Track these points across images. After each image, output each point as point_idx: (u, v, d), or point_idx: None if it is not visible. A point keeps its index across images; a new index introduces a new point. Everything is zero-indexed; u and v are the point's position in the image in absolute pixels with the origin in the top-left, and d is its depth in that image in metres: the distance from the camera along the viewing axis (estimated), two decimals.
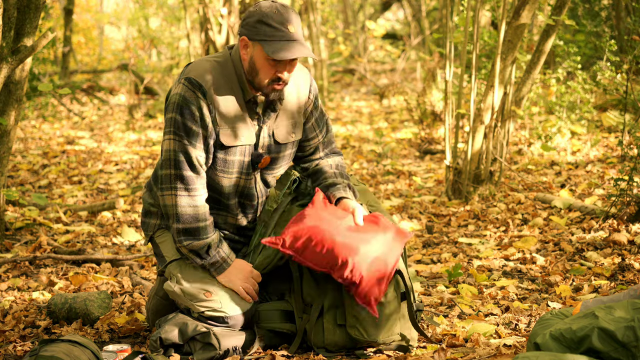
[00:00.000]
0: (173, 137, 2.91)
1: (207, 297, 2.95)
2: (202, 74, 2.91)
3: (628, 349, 2.44)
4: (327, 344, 2.93)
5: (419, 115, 8.04)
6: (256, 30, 2.85)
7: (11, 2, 4.00)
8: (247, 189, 3.07)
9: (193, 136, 2.90)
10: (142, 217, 3.19)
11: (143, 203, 3.19)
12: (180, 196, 2.92)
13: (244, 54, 2.92)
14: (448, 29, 5.51)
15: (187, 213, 2.93)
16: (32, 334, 3.29)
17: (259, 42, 2.86)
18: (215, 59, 2.98)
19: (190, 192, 2.93)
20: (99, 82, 13.51)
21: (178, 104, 2.90)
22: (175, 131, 2.90)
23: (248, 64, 2.92)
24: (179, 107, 2.89)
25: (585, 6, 8.98)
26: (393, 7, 19.51)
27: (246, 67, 2.93)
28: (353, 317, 2.90)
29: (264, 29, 2.84)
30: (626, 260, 4.03)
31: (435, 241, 4.72)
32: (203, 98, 2.89)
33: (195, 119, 2.89)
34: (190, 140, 2.90)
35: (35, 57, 8.05)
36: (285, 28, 2.84)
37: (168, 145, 2.92)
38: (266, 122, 3.02)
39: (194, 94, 2.88)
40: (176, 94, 2.91)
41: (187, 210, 2.93)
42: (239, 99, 2.95)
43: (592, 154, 6.71)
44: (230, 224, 3.12)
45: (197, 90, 2.88)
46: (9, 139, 4.32)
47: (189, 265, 3.01)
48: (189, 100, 2.88)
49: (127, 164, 7.50)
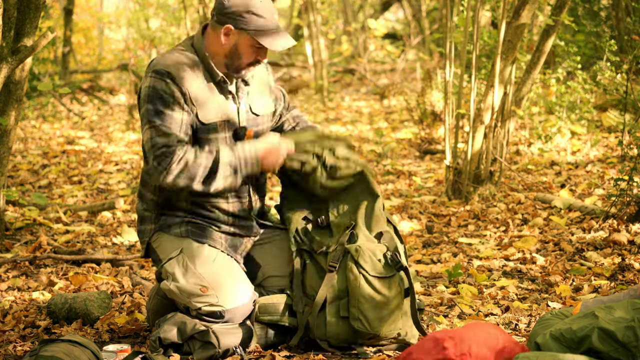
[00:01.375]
0: (149, 126, 2.96)
1: (204, 292, 2.96)
2: (167, 63, 2.99)
3: (628, 349, 2.44)
4: (330, 337, 2.94)
5: (419, 115, 8.04)
6: (245, 21, 2.97)
7: (11, 2, 4.00)
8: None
9: (167, 120, 2.94)
10: (137, 227, 3.21)
11: (137, 212, 3.20)
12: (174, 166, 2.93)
13: (225, 40, 3.02)
14: (448, 29, 5.51)
15: (190, 168, 2.94)
16: (32, 334, 3.29)
17: (247, 32, 2.97)
18: (177, 48, 3.08)
19: (179, 154, 2.94)
20: (99, 82, 13.51)
21: (149, 95, 2.97)
22: (150, 120, 2.96)
23: (229, 50, 3.02)
24: (150, 98, 2.96)
25: (585, 6, 8.98)
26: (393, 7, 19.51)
27: (226, 52, 3.03)
28: (356, 309, 2.91)
29: (254, 19, 2.97)
30: (626, 260, 4.03)
31: (435, 241, 4.72)
32: (173, 83, 2.95)
33: (167, 104, 2.95)
34: (164, 124, 2.94)
35: (35, 57, 8.05)
36: (273, 18, 3.00)
37: (147, 136, 2.98)
38: (242, 98, 3.11)
39: (163, 82, 2.95)
40: (146, 87, 2.99)
41: (189, 167, 2.94)
42: (208, 80, 3.04)
43: (592, 154, 6.71)
44: (223, 210, 3.10)
45: (165, 78, 2.95)
46: (9, 139, 4.32)
47: (184, 261, 3.01)
48: (159, 88, 2.95)
49: (127, 164, 7.50)
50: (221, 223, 3.11)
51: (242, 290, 3.01)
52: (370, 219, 3.08)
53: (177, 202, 3.09)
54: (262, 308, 3.00)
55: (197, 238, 3.05)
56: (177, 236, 3.07)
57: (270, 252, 3.17)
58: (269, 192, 5.97)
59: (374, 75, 14.70)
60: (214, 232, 3.09)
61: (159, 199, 3.11)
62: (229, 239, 3.12)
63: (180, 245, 3.04)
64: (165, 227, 3.09)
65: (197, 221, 3.09)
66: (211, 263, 3.01)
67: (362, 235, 3.02)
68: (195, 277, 2.98)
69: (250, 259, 3.18)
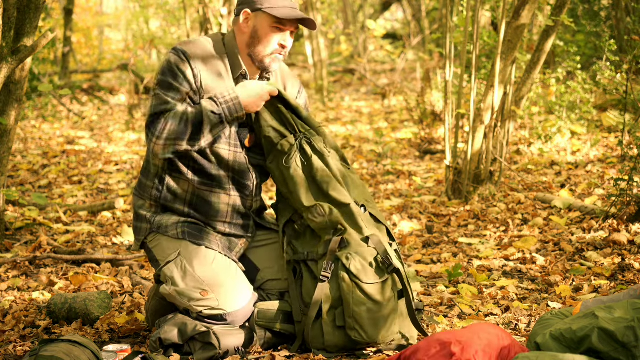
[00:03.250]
0: (153, 94, 3.00)
1: (204, 296, 2.95)
2: (190, 46, 3.02)
3: (628, 349, 2.44)
4: (327, 346, 2.93)
5: (419, 115, 8.04)
6: (260, 1, 2.98)
7: (11, 2, 4.00)
8: (239, 164, 3.08)
9: (171, 92, 2.97)
10: (133, 222, 3.19)
11: (133, 208, 3.18)
12: (161, 126, 2.94)
13: (245, 27, 3.03)
14: (448, 29, 5.51)
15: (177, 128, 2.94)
16: (32, 334, 3.29)
17: (263, 11, 2.98)
18: (205, 37, 3.10)
19: (165, 117, 2.95)
20: (99, 82, 13.51)
21: (163, 68, 3.01)
22: (158, 88, 2.99)
23: (249, 36, 3.03)
24: (163, 70, 3.00)
25: (585, 6, 8.98)
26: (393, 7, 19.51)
27: (247, 40, 3.03)
28: (352, 319, 2.90)
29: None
30: (626, 260, 4.03)
31: (435, 241, 4.72)
32: (187, 62, 2.98)
33: (177, 78, 2.97)
34: (168, 94, 2.97)
35: (35, 57, 8.05)
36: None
37: (152, 102, 3.00)
38: None
39: (179, 58, 2.98)
40: (164, 61, 3.03)
41: (175, 126, 2.94)
42: (228, 72, 3.05)
43: (592, 154, 6.71)
44: (225, 203, 3.09)
45: (181, 55, 2.98)
46: (9, 139, 4.32)
47: (182, 264, 3.00)
48: (173, 62, 2.99)
49: (127, 164, 7.50)
50: (219, 221, 3.10)
51: (242, 292, 3.00)
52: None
53: (177, 192, 3.07)
54: (260, 313, 2.99)
55: (194, 240, 3.03)
56: (174, 238, 3.04)
57: (267, 256, 3.16)
58: (269, 192, 5.97)
59: (374, 75, 14.70)
60: (211, 233, 3.08)
61: (160, 186, 3.08)
62: (224, 240, 3.11)
63: (178, 248, 3.03)
64: (162, 228, 3.07)
65: (194, 221, 3.08)
66: (210, 265, 3.00)
67: (353, 241, 2.98)
68: (194, 281, 2.97)
69: (248, 262, 3.16)
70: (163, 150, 2.96)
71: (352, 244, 2.97)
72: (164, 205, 3.10)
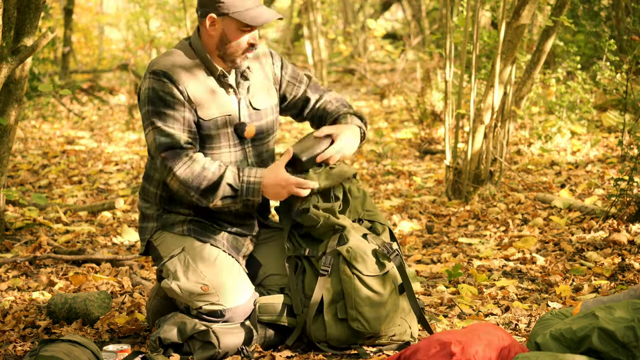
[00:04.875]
0: (151, 127, 2.98)
1: (205, 291, 2.96)
2: (165, 63, 3.01)
3: (628, 349, 2.44)
4: (329, 339, 2.95)
5: (419, 115, 8.04)
6: (223, 5, 2.97)
7: (11, 2, 4.00)
8: (240, 162, 3.10)
9: (169, 121, 2.96)
10: (139, 224, 3.21)
11: (139, 210, 3.20)
12: (180, 171, 2.94)
13: (212, 30, 3.02)
14: (448, 29, 5.51)
15: (195, 178, 2.94)
16: (32, 334, 3.29)
17: (229, 15, 2.97)
18: (174, 49, 3.09)
19: (186, 161, 2.95)
20: (99, 82, 13.51)
21: (148, 96, 2.98)
22: (151, 122, 2.97)
23: (219, 39, 3.02)
24: (150, 99, 2.97)
25: (584, 6, 8.98)
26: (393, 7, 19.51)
27: (216, 43, 3.03)
28: (354, 310, 2.91)
29: (233, 1, 2.96)
30: (626, 260, 4.03)
31: (435, 241, 4.72)
32: (170, 82, 2.96)
33: (168, 104, 2.96)
34: (167, 125, 2.95)
35: (35, 57, 8.05)
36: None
37: (150, 138, 2.99)
38: (242, 93, 3.10)
39: (161, 82, 2.97)
40: (145, 89, 3.00)
41: (195, 176, 2.94)
42: (207, 76, 3.05)
43: (592, 154, 6.71)
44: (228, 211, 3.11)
45: (163, 78, 2.97)
46: (9, 139, 4.32)
47: (185, 259, 3.01)
48: (158, 89, 2.96)
49: (127, 164, 7.49)
50: (224, 221, 3.11)
51: (242, 289, 3.01)
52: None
53: (182, 197, 3.09)
54: (261, 308, 3.00)
55: (199, 237, 3.06)
56: (180, 234, 3.07)
57: (270, 252, 3.17)
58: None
59: (374, 75, 14.70)
60: (216, 230, 3.09)
61: (163, 193, 3.11)
62: (231, 239, 3.12)
63: (182, 244, 3.05)
64: (168, 226, 3.10)
65: (200, 219, 3.10)
66: (213, 262, 3.01)
67: (352, 237, 3.01)
68: (196, 276, 2.98)
69: (251, 257, 3.18)
70: (178, 187, 2.98)
71: (351, 239, 2.99)
72: (169, 209, 3.12)
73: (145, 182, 3.18)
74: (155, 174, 3.11)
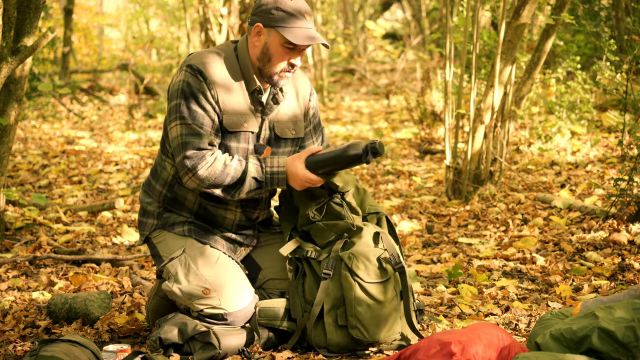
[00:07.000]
0: (180, 122, 2.93)
1: (206, 295, 2.95)
2: (204, 61, 2.95)
3: (628, 349, 2.44)
4: (329, 345, 2.94)
5: (419, 115, 8.04)
6: (273, 17, 2.91)
7: (11, 2, 4.00)
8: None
9: (199, 119, 2.91)
10: (139, 217, 3.20)
11: (140, 203, 3.19)
12: (202, 171, 2.91)
13: (256, 41, 2.97)
14: (448, 29, 5.51)
15: (218, 177, 2.91)
16: (32, 334, 3.29)
17: (276, 29, 2.91)
18: (217, 49, 3.03)
19: (208, 161, 2.92)
20: (99, 82, 13.51)
21: (182, 90, 2.93)
22: (181, 116, 2.92)
23: (260, 51, 2.96)
24: (182, 93, 2.92)
25: (585, 6, 8.98)
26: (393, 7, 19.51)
27: (257, 54, 2.97)
28: (354, 318, 2.90)
29: (282, 15, 2.90)
30: (626, 260, 4.03)
31: (435, 241, 4.72)
32: (205, 82, 2.92)
33: (199, 103, 2.91)
34: (196, 123, 2.91)
35: (35, 57, 8.05)
36: (302, 16, 2.92)
37: (176, 132, 2.93)
38: (268, 115, 3.05)
39: (196, 79, 2.92)
40: (179, 81, 2.95)
41: (217, 175, 2.91)
42: (242, 88, 2.99)
43: (592, 154, 6.71)
44: (229, 220, 3.11)
45: (199, 75, 2.92)
46: (9, 139, 4.32)
47: (186, 262, 3.01)
48: (192, 85, 2.91)
49: (127, 164, 7.49)
50: (224, 229, 3.11)
51: (243, 293, 3.00)
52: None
53: (184, 201, 3.09)
54: (261, 312, 2.99)
55: (200, 238, 3.05)
56: (180, 234, 3.06)
57: (270, 255, 3.16)
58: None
59: (374, 75, 14.70)
60: (217, 234, 3.09)
61: (168, 193, 3.10)
62: (229, 244, 3.12)
63: (183, 244, 3.04)
64: (168, 225, 3.09)
65: (200, 223, 3.10)
66: (213, 264, 3.01)
67: (359, 242, 2.99)
68: (197, 279, 2.97)
69: (251, 261, 3.17)
70: (197, 186, 2.95)
71: (357, 244, 2.98)
72: (171, 210, 3.11)
73: (151, 177, 3.16)
74: (163, 172, 3.10)
